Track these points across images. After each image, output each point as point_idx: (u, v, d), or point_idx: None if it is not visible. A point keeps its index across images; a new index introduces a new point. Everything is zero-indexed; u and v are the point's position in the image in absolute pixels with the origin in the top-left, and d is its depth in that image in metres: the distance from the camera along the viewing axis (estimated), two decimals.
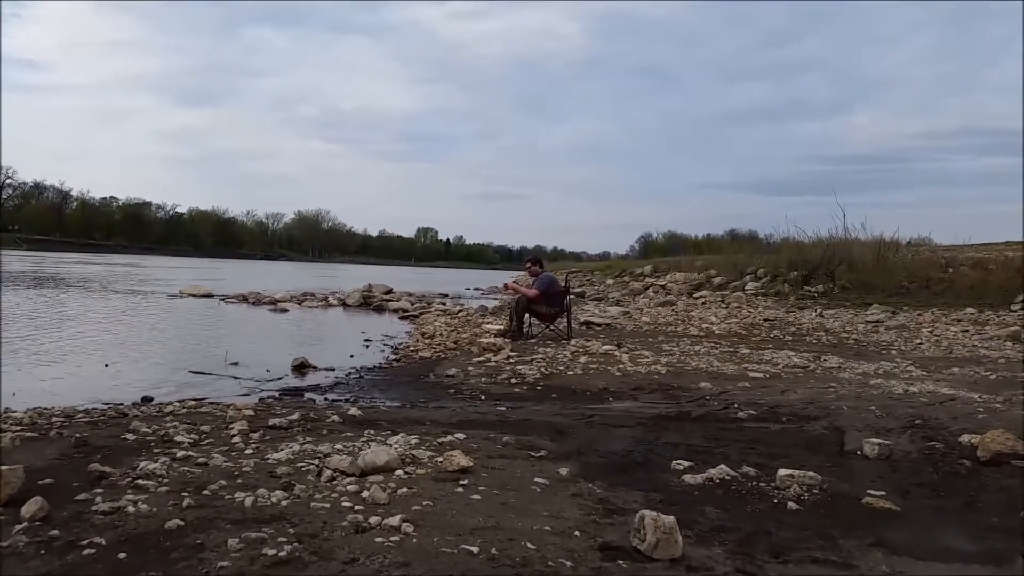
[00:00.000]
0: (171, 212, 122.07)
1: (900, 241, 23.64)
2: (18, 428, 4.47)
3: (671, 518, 2.81)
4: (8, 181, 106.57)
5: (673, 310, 17.93)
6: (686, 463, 4.08)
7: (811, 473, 3.80)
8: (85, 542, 2.64)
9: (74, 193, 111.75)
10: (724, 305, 19.22)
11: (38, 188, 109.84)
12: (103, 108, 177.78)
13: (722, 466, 3.93)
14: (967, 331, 13.10)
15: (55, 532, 2.72)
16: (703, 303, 20.23)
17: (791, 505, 3.49)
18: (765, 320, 14.95)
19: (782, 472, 3.79)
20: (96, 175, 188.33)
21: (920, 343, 11.52)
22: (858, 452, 4.53)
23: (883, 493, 3.70)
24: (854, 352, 10.29)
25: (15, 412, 5.09)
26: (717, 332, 12.66)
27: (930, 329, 13.49)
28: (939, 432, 4.92)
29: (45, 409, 5.25)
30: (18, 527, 2.75)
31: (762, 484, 3.77)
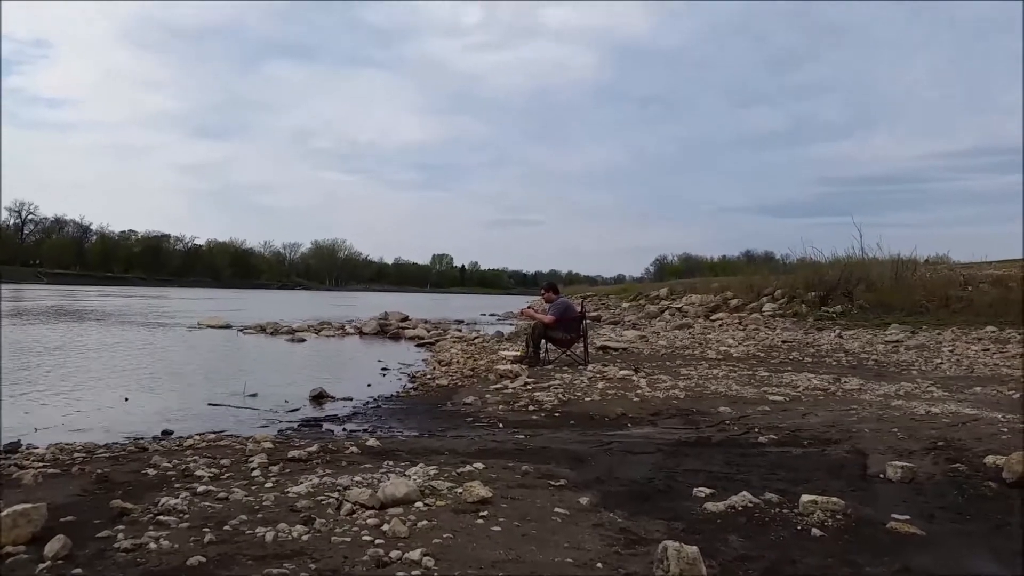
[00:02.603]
0: (189, 244, 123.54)
1: (918, 260, 23.48)
2: (40, 464, 4.50)
3: (694, 548, 2.79)
4: (30, 217, 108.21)
5: (690, 333, 17.86)
6: (707, 490, 4.05)
7: (834, 498, 3.76)
8: None
9: (94, 227, 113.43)
10: (742, 327, 19.11)
11: (59, 223, 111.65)
12: (124, 143, 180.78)
13: (744, 493, 3.89)
14: (988, 349, 12.96)
15: (78, 571, 2.73)
16: (720, 325, 20.13)
17: (815, 532, 3.45)
18: (783, 342, 14.86)
19: (805, 498, 3.75)
20: (116, 209, 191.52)
21: (941, 363, 11.41)
22: (881, 475, 4.47)
23: (908, 517, 3.65)
24: (874, 373, 10.20)
25: (37, 448, 5.13)
26: (735, 355, 12.60)
27: (950, 348, 13.35)
28: (963, 453, 4.86)
29: (67, 445, 5.28)
30: (41, 566, 2.77)
31: (785, 511, 3.73)
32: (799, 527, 3.52)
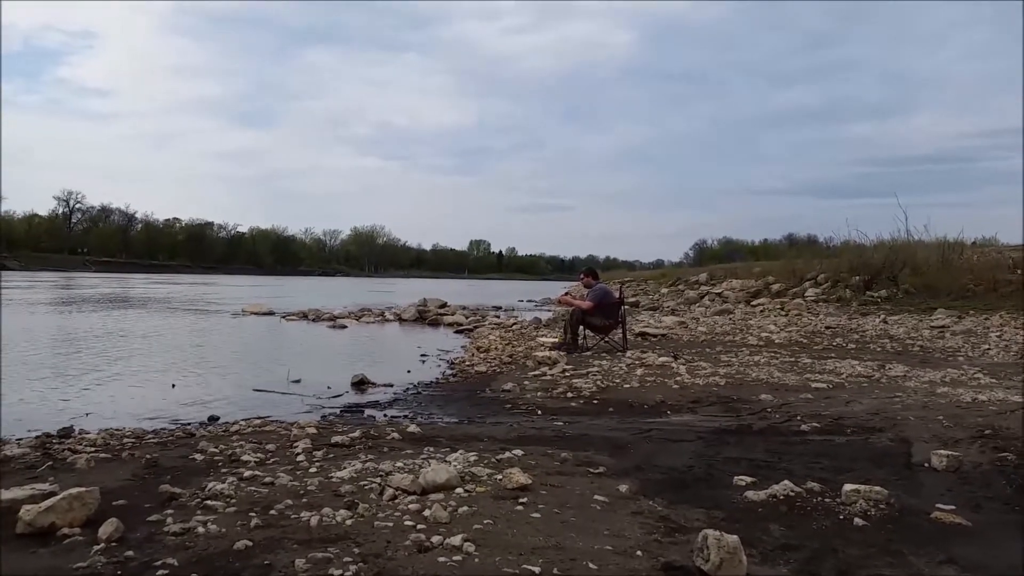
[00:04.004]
0: (232, 232, 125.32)
1: (965, 242, 22.91)
2: (92, 450, 4.64)
3: (735, 537, 2.78)
4: (77, 205, 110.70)
5: (730, 319, 17.69)
6: (748, 479, 4.02)
7: (877, 488, 3.71)
8: (159, 563, 2.72)
9: (139, 215, 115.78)
10: (783, 313, 18.87)
11: (105, 211, 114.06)
12: (165, 131, 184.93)
13: (786, 481, 3.86)
14: None
15: (130, 553, 2.81)
16: (761, 311, 19.90)
17: (857, 521, 3.41)
18: (827, 328, 14.65)
19: (848, 487, 3.72)
20: (159, 196, 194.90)
21: (988, 348, 11.17)
22: (926, 464, 4.41)
23: (953, 507, 3.60)
24: (919, 359, 10.02)
25: (89, 433, 5.28)
26: (777, 341, 12.46)
27: (998, 334, 13.04)
28: (1011, 442, 4.76)
29: (116, 430, 5.42)
30: (96, 548, 2.86)
31: (827, 500, 3.70)
32: (841, 516, 3.49)
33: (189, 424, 6.00)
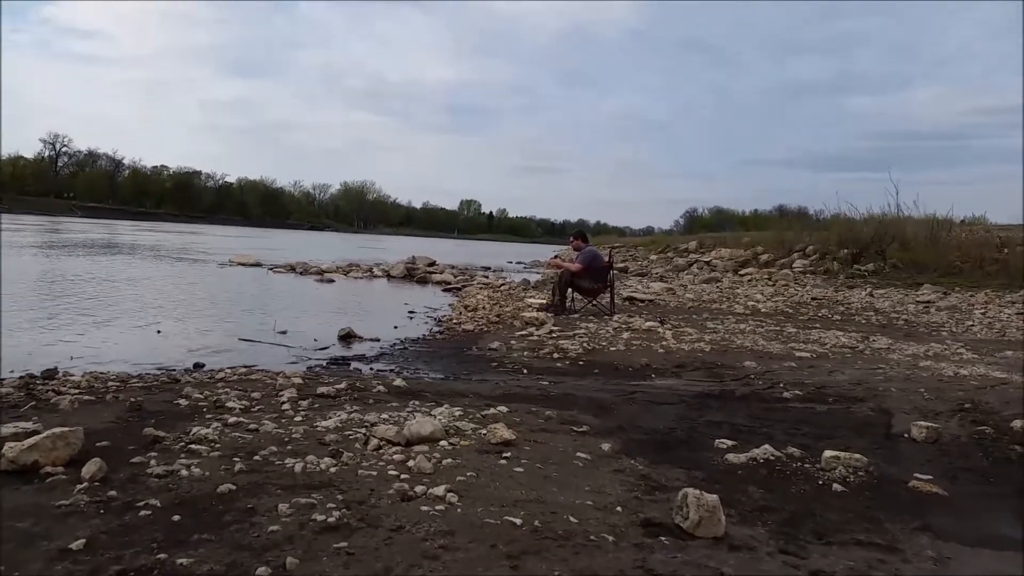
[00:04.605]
0: (220, 182, 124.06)
1: (954, 220, 23.00)
2: (76, 391, 4.62)
3: (714, 497, 2.81)
4: (64, 149, 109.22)
5: (718, 287, 17.75)
6: (730, 442, 4.06)
7: (857, 455, 3.76)
8: (141, 503, 2.73)
9: (126, 162, 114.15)
10: (771, 283, 18.96)
11: (92, 156, 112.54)
12: (157, 79, 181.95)
13: (766, 446, 3.90)
14: (1022, 313, 12.76)
15: (113, 493, 2.81)
16: (749, 280, 19.98)
17: (836, 487, 3.46)
18: (813, 299, 14.74)
19: (828, 453, 3.76)
20: (148, 144, 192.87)
21: (972, 325, 11.27)
22: (906, 435, 4.46)
23: (930, 477, 3.65)
24: (904, 333, 10.10)
25: (73, 375, 5.26)
26: (763, 310, 12.52)
27: (983, 311, 13.16)
28: (990, 416, 4.82)
29: (101, 373, 5.41)
30: (79, 487, 2.86)
31: (807, 465, 3.74)
32: (820, 482, 3.54)
33: (174, 370, 5.99)
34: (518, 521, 2.72)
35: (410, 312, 11.73)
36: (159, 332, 8.25)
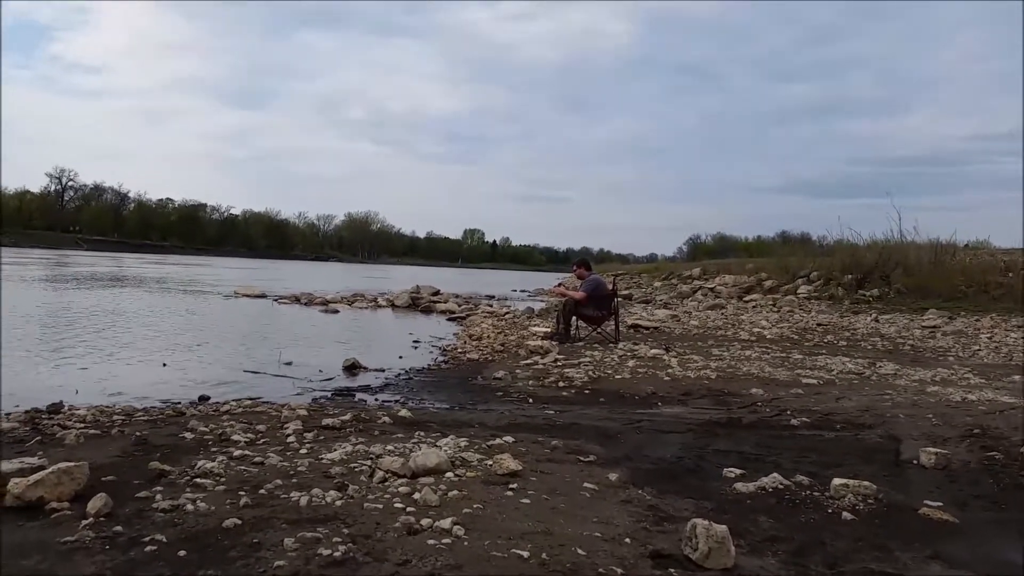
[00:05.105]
0: (225, 214, 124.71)
1: (957, 244, 23.03)
2: (82, 425, 4.62)
3: (723, 527, 2.79)
4: (70, 183, 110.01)
5: (723, 314, 17.73)
6: (738, 471, 4.04)
7: (866, 483, 3.73)
8: (147, 539, 2.71)
9: (131, 195, 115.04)
10: (776, 309, 18.93)
11: (98, 190, 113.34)
12: (158, 109, 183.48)
13: (775, 474, 3.88)
14: None
15: (119, 528, 2.80)
16: (754, 307, 19.96)
17: (846, 515, 3.43)
18: (818, 325, 14.70)
19: (836, 481, 3.73)
20: (153, 176, 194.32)
21: (979, 349, 11.22)
22: (914, 461, 4.43)
23: (940, 504, 3.62)
24: (910, 358, 10.06)
25: (79, 410, 5.25)
26: (768, 337, 12.49)
27: (989, 335, 13.12)
28: (999, 442, 4.79)
29: (106, 407, 5.40)
30: (84, 522, 2.85)
31: (816, 493, 3.71)
32: (830, 510, 3.51)
33: (179, 403, 5.98)
34: (525, 554, 2.69)
35: (415, 342, 11.72)
36: (164, 365, 8.25)
